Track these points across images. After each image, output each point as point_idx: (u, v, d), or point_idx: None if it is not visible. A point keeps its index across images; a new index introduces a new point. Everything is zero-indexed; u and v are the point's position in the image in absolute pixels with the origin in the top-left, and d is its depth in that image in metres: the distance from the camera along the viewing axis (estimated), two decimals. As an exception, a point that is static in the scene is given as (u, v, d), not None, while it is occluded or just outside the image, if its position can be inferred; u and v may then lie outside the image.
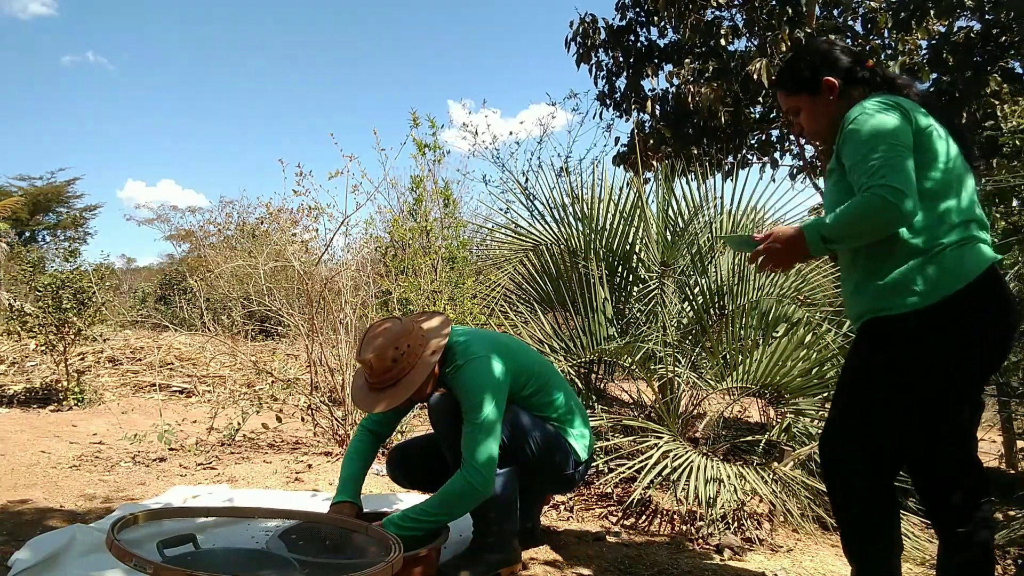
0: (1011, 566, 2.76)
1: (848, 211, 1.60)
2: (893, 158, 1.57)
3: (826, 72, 1.79)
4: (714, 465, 2.93)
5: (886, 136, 1.60)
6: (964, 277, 1.61)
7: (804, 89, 1.82)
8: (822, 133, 1.84)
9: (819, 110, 1.81)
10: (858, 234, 1.62)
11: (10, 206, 17.42)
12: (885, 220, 1.56)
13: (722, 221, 3.94)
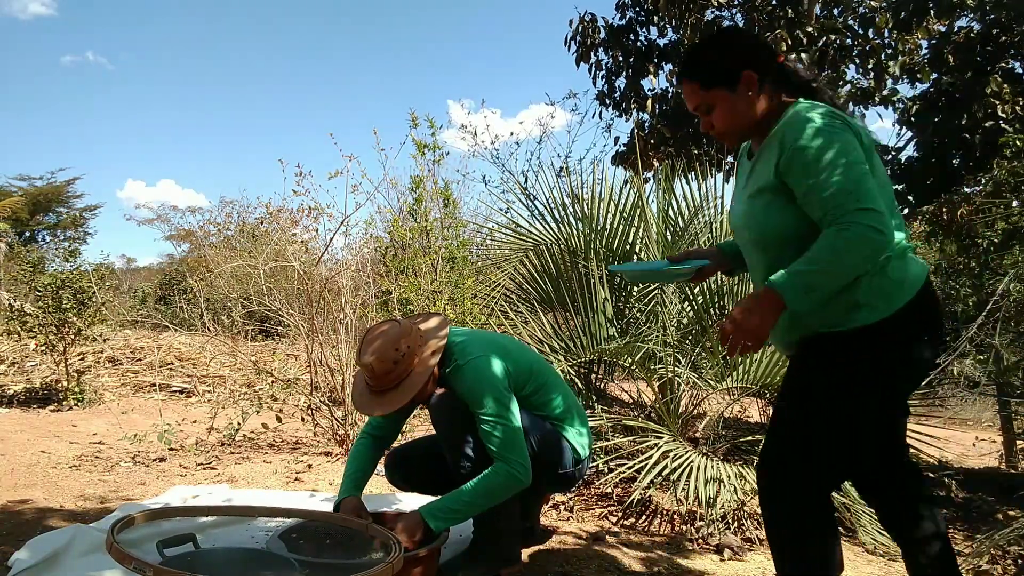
0: (1011, 566, 2.77)
1: (823, 254, 1.43)
2: (860, 178, 1.43)
3: (744, 64, 1.60)
4: (714, 465, 2.93)
5: (845, 154, 1.46)
6: (912, 288, 1.55)
7: (720, 83, 1.60)
8: (737, 133, 1.66)
9: (737, 108, 1.61)
10: (847, 273, 1.45)
11: (10, 206, 17.42)
12: (873, 250, 1.42)
13: (722, 221, 3.94)
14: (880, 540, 2.94)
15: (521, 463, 2.02)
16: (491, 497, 2.03)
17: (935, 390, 4.57)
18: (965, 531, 3.35)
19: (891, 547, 2.91)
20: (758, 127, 1.63)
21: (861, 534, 2.96)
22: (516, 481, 2.02)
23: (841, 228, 1.41)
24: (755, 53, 1.63)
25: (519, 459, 2.02)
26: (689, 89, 1.65)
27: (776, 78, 1.63)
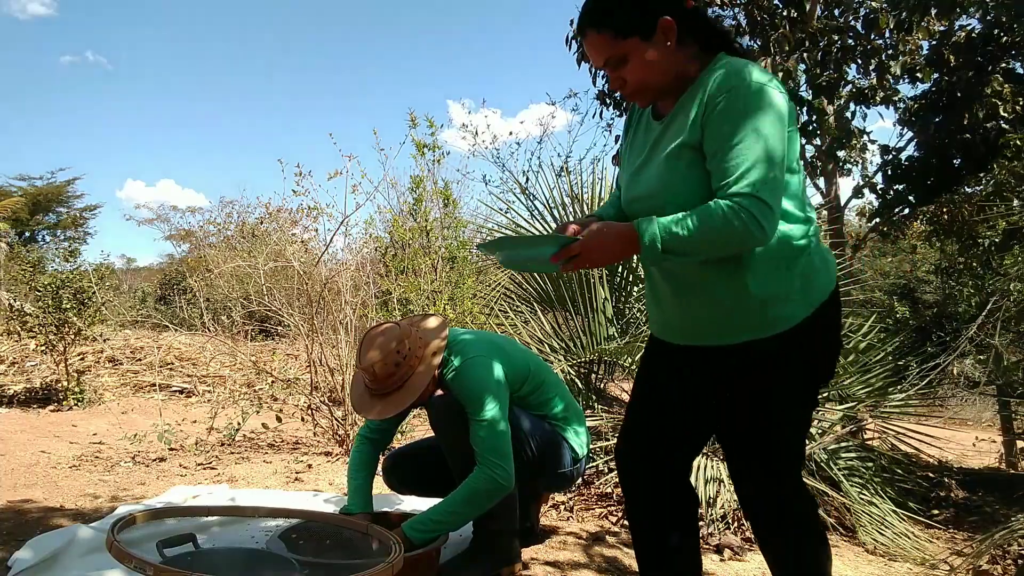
0: (1011, 566, 2.76)
1: (703, 224, 1.28)
2: (771, 163, 1.29)
3: (662, 9, 1.39)
4: (714, 465, 2.93)
5: (771, 128, 1.30)
6: (831, 278, 1.45)
7: (635, 31, 1.38)
8: (652, 90, 1.44)
9: (654, 60, 1.40)
10: (707, 251, 1.33)
11: (10, 206, 17.41)
12: (744, 243, 1.30)
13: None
14: (880, 540, 2.94)
15: (503, 468, 1.99)
16: (473, 504, 2.02)
17: (935, 390, 4.57)
18: (965, 531, 3.35)
19: (891, 547, 2.91)
20: (673, 84, 1.44)
21: (861, 534, 2.96)
22: (497, 486, 1.99)
23: (729, 207, 1.27)
24: (682, 2, 1.43)
25: (502, 463, 1.99)
26: (598, 41, 1.41)
27: (692, 27, 1.44)
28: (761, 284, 1.39)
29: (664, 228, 1.30)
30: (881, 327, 4.31)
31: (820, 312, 1.42)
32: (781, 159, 1.31)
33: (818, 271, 1.43)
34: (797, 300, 1.40)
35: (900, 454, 3.59)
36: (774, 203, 1.28)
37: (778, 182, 1.30)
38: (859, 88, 7.29)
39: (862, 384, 3.59)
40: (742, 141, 1.29)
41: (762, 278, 1.39)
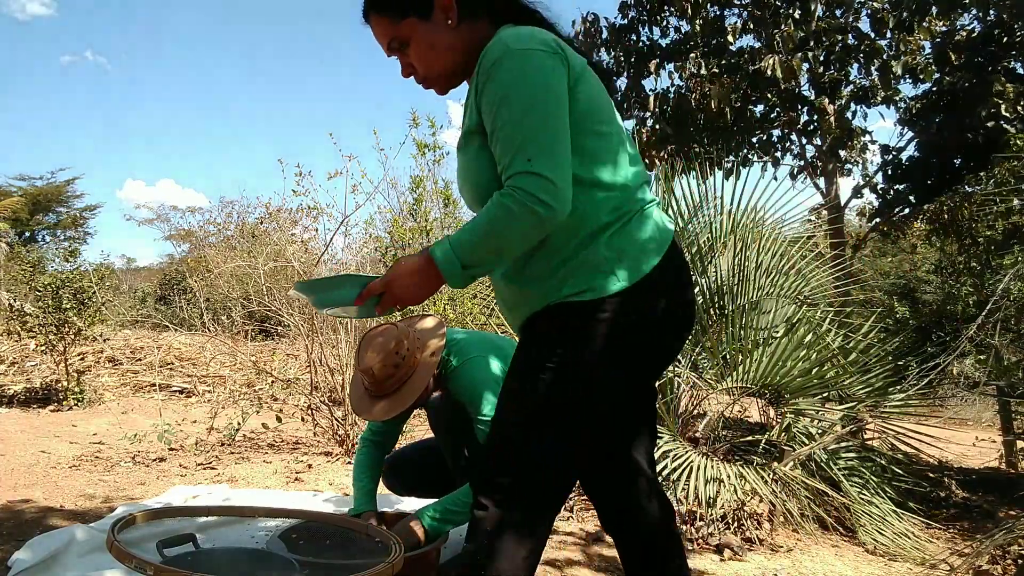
0: (1011, 566, 2.76)
1: (485, 221, 1.18)
2: (544, 132, 1.16)
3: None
4: (714, 465, 2.93)
5: (537, 95, 1.17)
6: (656, 251, 1.26)
7: (410, 10, 1.28)
8: (444, 75, 1.33)
9: (435, 42, 1.29)
10: (505, 247, 1.20)
11: (10, 206, 17.43)
12: (532, 226, 1.16)
13: (722, 221, 3.93)
14: (880, 540, 2.94)
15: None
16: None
17: (935, 390, 4.57)
18: (965, 531, 3.35)
19: (891, 547, 2.91)
20: (468, 67, 1.31)
21: (861, 534, 2.96)
22: None
23: (503, 194, 1.16)
24: None
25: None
26: (378, 24, 1.32)
27: (485, 2, 1.32)
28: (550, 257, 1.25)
29: (454, 242, 1.21)
30: (881, 327, 4.31)
31: (629, 293, 1.22)
32: (557, 126, 1.18)
33: (637, 245, 1.25)
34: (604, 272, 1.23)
35: (900, 454, 3.59)
36: (554, 174, 1.15)
37: (556, 150, 1.16)
38: (860, 88, 7.30)
39: (862, 384, 3.59)
40: (508, 118, 1.17)
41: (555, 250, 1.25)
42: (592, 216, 1.24)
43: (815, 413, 3.44)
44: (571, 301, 1.23)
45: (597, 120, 1.25)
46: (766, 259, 3.86)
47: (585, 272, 1.22)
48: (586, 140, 1.23)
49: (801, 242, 4.14)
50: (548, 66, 1.19)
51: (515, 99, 1.17)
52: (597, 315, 1.21)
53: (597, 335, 1.22)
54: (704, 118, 7.14)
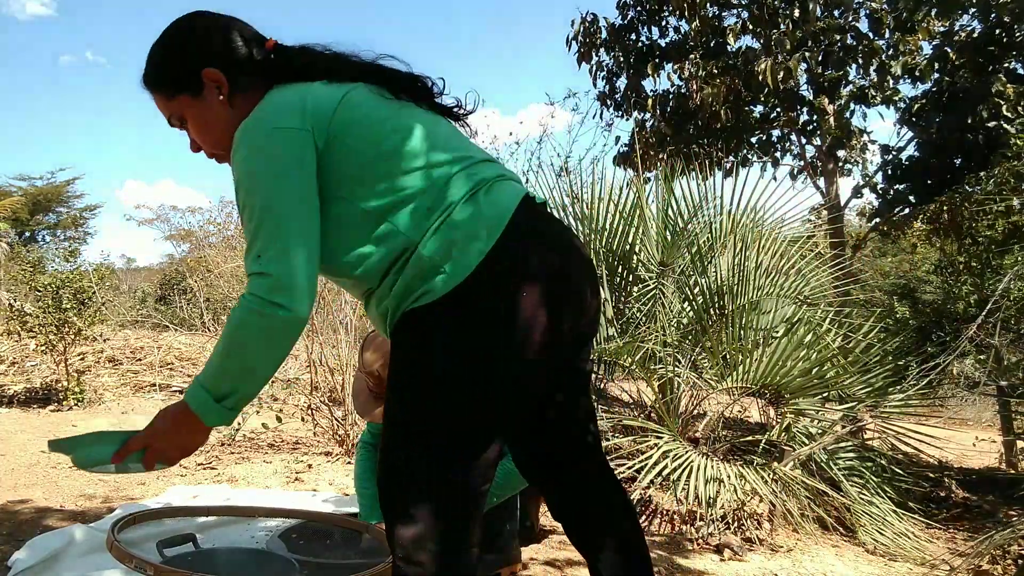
0: (1011, 566, 2.77)
1: (221, 347, 1.11)
2: (272, 221, 1.08)
3: (204, 60, 1.23)
4: (714, 465, 2.93)
5: (263, 172, 1.11)
6: (492, 231, 1.13)
7: (182, 88, 1.24)
8: (222, 145, 1.26)
9: (208, 117, 1.25)
10: (254, 368, 1.12)
11: (10, 206, 17.42)
12: (268, 333, 1.08)
13: (722, 221, 3.94)
14: (880, 540, 2.94)
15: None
16: (506, 488, 2.07)
17: (935, 390, 4.57)
18: (965, 531, 3.35)
19: (891, 547, 2.91)
20: None
21: (861, 534, 2.97)
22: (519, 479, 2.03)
23: (238, 304, 1.09)
24: (216, 43, 1.24)
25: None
26: (156, 100, 1.28)
27: (264, 69, 1.25)
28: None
29: (202, 378, 1.13)
30: (881, 327, 4.31)
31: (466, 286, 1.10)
32: (290, 211, 1.09)
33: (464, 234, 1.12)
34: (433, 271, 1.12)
35: (900, 454, 3.59)
36: (284, 269, 1.07)
37: (289, 241, 1.08)
38: (860, 88, 7.30)
39: (862, 384, 3.59)
40: (242, 206, 1.12)
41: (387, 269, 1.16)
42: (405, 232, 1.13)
43: (815, 413, 3.44)
44: (413, 308, 1.13)
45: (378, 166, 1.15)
46: (766, 259, 3.86)
47: (418, 276, 1.12)
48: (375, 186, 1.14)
49: (801, 242, 4.14)
50: (281, 146, 1.11)
51: (247, 185, 1.11)
52: (438, 317, 1.12)
53: (441, 339, 1.13)
54: (703, 118, 7.15)
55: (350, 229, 1.15)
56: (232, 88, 1.24)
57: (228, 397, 1.13)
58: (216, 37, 1.25)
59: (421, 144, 1.18)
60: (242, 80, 1.24)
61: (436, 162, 1.17)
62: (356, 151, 1.15)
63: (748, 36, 7.28)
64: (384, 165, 1.15)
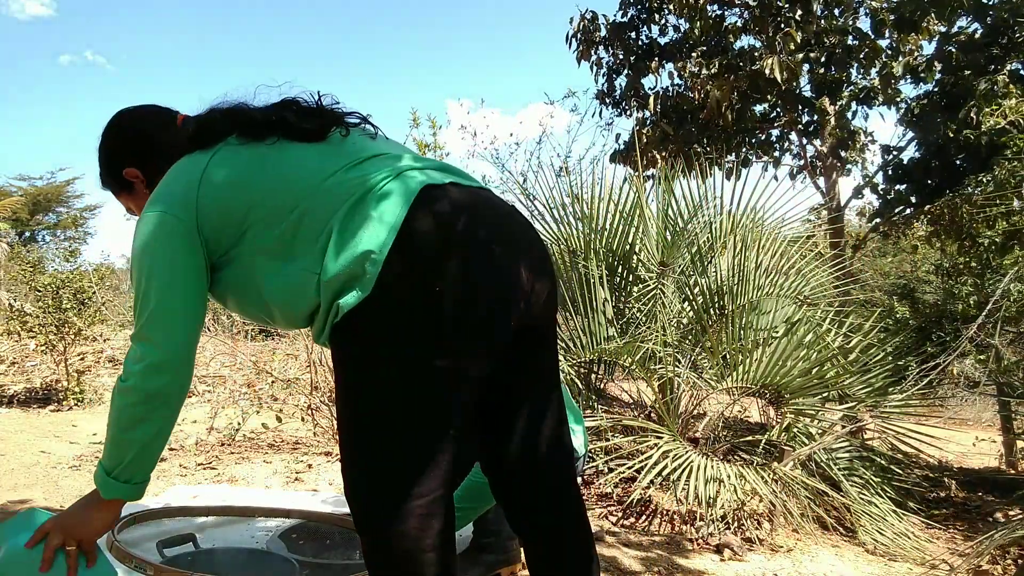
0: (1011, 566, 2.77)
1: (110, 426, 1.18)
2: (153, 291, 1.15)
3: (123, 162, 1.35)
4: (714, 465, 2.93)
5: (144, 263, 1.17)
6: (391, 229, 1.09)
7: (118, 188, 1.39)
8: None
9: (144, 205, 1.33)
10: (144, 439, 1.17)
11: (10, 206, 17.42)
12: (147, 394, 1.15)
13: (722, 221, 3.94)
14: (880, 540, 2.95)
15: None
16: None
17: (935, 390, 4.57)
18: (965, 531, 3.35)
19: (891, 547, 2.91)
20: None
21: (861, 534, 2.97)
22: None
23: (115, 390, 1.17)
24: (132, 141, 1.36)
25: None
26: (116, 197, 1.43)
27: (176, 145, 1.28)
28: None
29: (105, 458, 1.20)
30: (881, 327, 4.32)
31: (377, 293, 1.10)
32: (166, 280, 1.15)
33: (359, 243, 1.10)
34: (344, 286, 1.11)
35: (900, 454, 3.60)
36: (159, 332, 1.15)
37: (168, 300, 1.15)
38: (861, 88, 7.30)
39: (862, 384, 3.59)
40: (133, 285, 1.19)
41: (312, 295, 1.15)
42: (307, 268, 1.13)
43: (815, 413, 3.44)
44: (336, 324, 1.13)
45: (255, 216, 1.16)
46: (766, 259, 3.86)
47: (330, 293, 1.11)
48: (264, 236, 1.15)
49: (801, 242, 4.15)
50: (158, 231, 1.16)
51: (134, 267, 1.18)
52: (358, 328, 1.12)
53: (364, 348, 1.14)
54: (704, 117, 7.15)
55: (264, 281, 1.16)
56: (153, 177, 1.29)
57: (124, 472, 1.18)
58: (129, 134, 1.37)
59: (287, 180, 1.17)
60: (163, 165, 1.26)
61: (305, 189, 1.15)
62: (229, 214, 1.16)
63: (749, 36, 7.28)
64: (260, 212, 1.15)
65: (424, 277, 1.10)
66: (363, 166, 1.18)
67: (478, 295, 1.13)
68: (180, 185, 1.19)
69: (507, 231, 1.21)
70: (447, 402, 1.16)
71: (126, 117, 1.39)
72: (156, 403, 1.15)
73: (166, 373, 1.15)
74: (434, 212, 1.13)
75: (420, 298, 1.10)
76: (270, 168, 1.18)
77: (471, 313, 1.12)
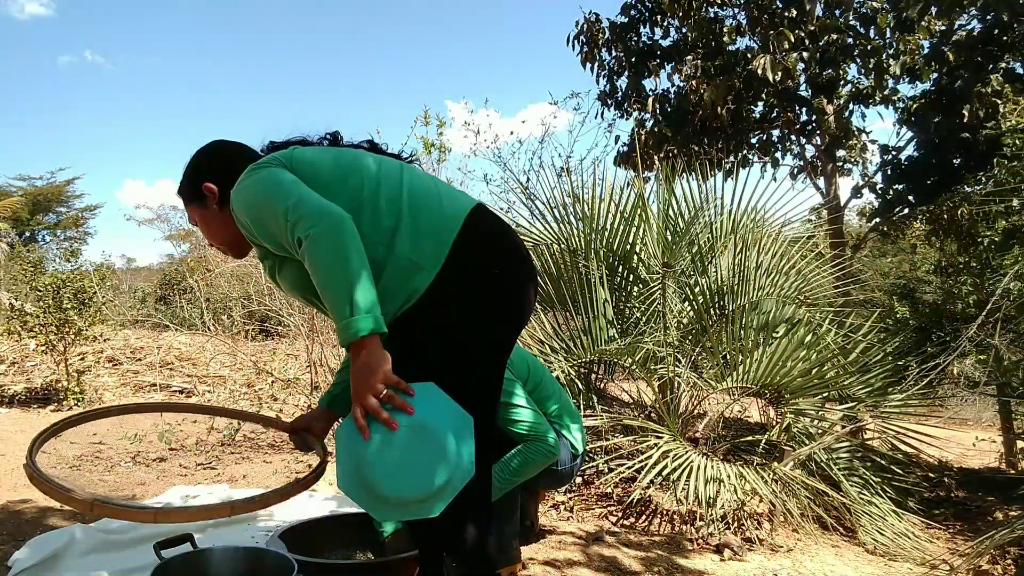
0: (1011, 566, 2.77)
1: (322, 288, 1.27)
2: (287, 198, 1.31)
3: (205, 176, 1.53)
4: (714, 465, 2.93)
5: (266, 180, 1.36)
6: (449, 230, 1.34)
7: (192, 198, 1.55)
8: (230, 244, 1.57)
9: (210, 223, 1.55)
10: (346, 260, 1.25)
11: (10, 206, 17.40)
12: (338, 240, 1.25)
13: (722, 221, 3.94)
14: (880, 540, 2.94)
15: (552, 437, 2.12)
16: (528, 470, 2.11)
17: (935, 390, 4.57)
18: (965, 531, 3.35)
19: (891, 547, 2.91)
20: (241, 236, 1.49)
21: (861, 534, 2.97)
22: (551, 453, 2.11)
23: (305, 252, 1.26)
24: (218, 162, 1.54)
25: (549, 435, 2.12)
26: (185, 206, 1.60)
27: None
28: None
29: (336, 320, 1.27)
30: (881, 327, 4.31)
31: (440, 279, 1.32)
32: (281, 190, 1.32)
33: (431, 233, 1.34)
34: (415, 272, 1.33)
35: (900, 454, 3.59)
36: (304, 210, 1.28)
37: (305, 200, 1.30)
38: (859, 88, 7.30)
39: (862, 384, 3.59)
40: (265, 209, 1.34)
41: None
42: (373, 232, 1.33)
43: (815, 413, 3.44)
44: (402, 313, 1.32)
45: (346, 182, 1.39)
46: (766, 259, 3.86)
47: (406, 274, 1.32)
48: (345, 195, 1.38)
49: (801, 242, 4.14)
50: (266, 171, 1.39)
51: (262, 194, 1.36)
52: (425, 317, 1.31)
53: (430, 334, 1.32)
54: (702, 119, 7.14)
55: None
56: (220, 201, 1.52)
57: (351, 306, 1.22)
58: (218, 158, 1.56)
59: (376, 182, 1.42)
60: (223, 200, 1.50)
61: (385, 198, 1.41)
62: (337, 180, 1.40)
63: (745, 37, 7.28)
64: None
65: (478, 269, 1.36)
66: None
67: (512, 306, 1.43)
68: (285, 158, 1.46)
69: (515, 237, 1.48)
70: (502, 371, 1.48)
71: (232, 146, 1.59)
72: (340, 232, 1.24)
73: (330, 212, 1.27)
74: (481, 218, 1.41)
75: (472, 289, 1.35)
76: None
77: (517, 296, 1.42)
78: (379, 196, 1.36)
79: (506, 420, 2.10)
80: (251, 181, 1.38)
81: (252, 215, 1.36)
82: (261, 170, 1.38)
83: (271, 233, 1.34)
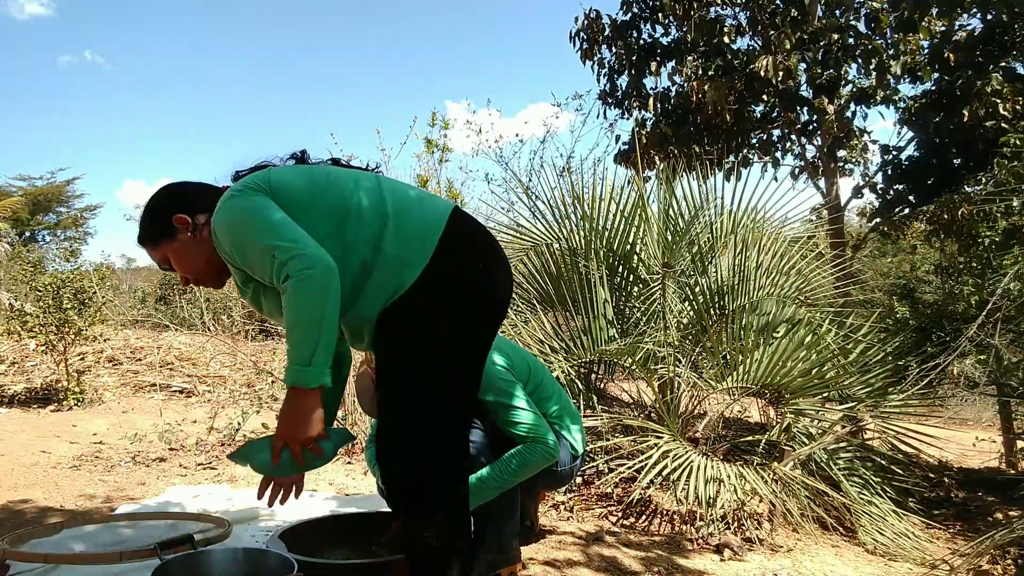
0: (1011, 566, 2.77)
1: (289, 326, 1.34)
2: (272, 235, 1.36)
3: (173, 210, 1.53)
4: (714, 465, 2.93)
5: (246, 211, 1.40)
6: (434, 227, 1.45)
7: (161, 236, 1.54)
8: (206, 272, 1.57)
9: (188, 253, 1.54)
10: (322, 319, 1.32)
11: (10, 206, 17.40)
12: (316, 290, 1.31)
13: (723, 221, 3.94)
14: (880, 540, 2.94)
15: (551, 439, 2.11)
16: (527, 470, 2.09)
17: (935, 390, 4.56)
18: (965, 531, 3.35)
19: (891, 547, 2.91)
20: (220, 263, 1.54)
21: (861, 534, 2.96)
22: (550, 455, 2.10)
23: (285, 293, 1.32)
24: (179, 196, 1.56)
25: (548, 436, 2.10)
26: (148, 252, 1.59)
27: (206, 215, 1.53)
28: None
29: (290, 359, 1.35)
30: (881, 327, 4.31)
31: (426, 273, 1.42)
32: (273, 225, 1.37)
33: (417, 232, 1.45)
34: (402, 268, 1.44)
35: (900, 454, 3.59)
36: (295, 252, 1.33)
37: (290, 234, 1.36)
38: (859, 88, 7.29)
39: (862, 384, 3.59)
40: (246, 238, 1.40)
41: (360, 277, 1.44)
42: (359, 238, 1.43)
43: (815, 413, 3.44)
44: (389, 306, 1.43)
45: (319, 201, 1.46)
46: (766, 259, 3.86)
47: (395, 268, 1.42)
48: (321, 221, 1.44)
49: (801, 242, 4.14)
50: (244, 197, 1.44)
51: (242, 221, 1.42)
52: (412, 307, 1.43)
53: (420, 323, 1.44)
54: (703, 118, 7.14)
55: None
56: (195, 226, 1.53)
57: (315, 356, 1.32)
58: (183, 194, 1.57)
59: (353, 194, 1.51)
60: (199, 216, 1.53)
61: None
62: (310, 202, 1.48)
63: (746, 37, 7.28)
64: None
65: (459, 262, 1.48)
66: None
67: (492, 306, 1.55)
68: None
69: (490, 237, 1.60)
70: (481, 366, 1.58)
71: (172, 184, 1.61)
72: (320, 284, 1.31)
73: (317, 260, 1.33)
74: (460, 222, 1.52)
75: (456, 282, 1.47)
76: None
77: (499, 302, 1.57)
78: (361, 206, 1.45)
79: (506, 421, 2.10)
80: (234, 205, 1.42)
81: (234, 240, 1.41)
82: (243, 197, 1.42)
83: (249, 263, 1.41)
